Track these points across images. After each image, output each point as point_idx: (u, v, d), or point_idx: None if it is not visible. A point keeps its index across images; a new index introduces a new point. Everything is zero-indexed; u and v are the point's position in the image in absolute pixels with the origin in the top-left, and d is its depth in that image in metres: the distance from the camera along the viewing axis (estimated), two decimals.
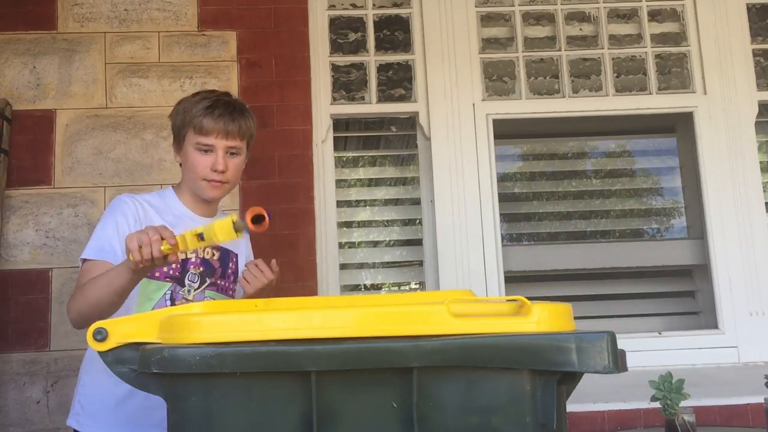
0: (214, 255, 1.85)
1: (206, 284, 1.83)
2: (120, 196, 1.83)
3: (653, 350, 2.64)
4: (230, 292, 1.89)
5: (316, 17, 2.85)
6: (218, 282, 1.86)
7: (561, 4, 2.95)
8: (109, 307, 1.63)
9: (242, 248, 1.96)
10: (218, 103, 1.80)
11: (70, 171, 2.61)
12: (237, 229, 1.41)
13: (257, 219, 1.37)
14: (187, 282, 1.79)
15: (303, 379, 1.09)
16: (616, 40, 2.97)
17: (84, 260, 1.74)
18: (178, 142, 1.83)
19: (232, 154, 1.80)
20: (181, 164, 1.86)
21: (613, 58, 2.92)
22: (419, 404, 1.09)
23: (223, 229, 1.42)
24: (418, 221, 2.90)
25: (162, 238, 1.50)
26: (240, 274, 1.92)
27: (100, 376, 1.74)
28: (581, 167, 3.16)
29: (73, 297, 1.72)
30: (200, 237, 1.48)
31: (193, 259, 1.79)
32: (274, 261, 1.80)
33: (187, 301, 1.77)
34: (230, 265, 1.90)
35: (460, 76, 2.83)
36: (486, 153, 2.78)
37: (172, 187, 1.91)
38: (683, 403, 1.81)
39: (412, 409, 1.09)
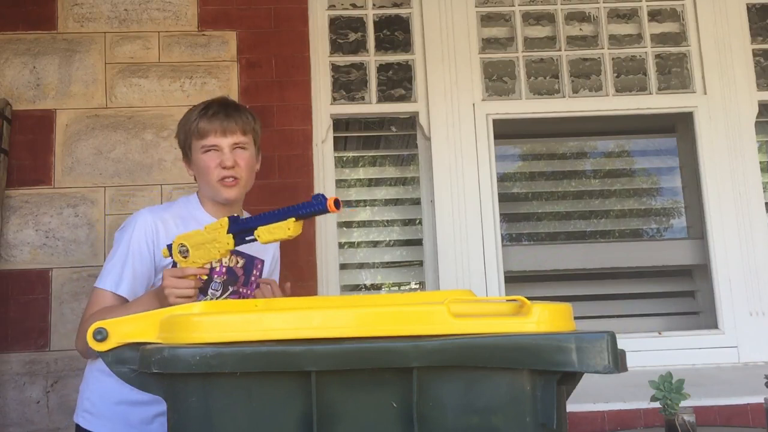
0: (238, 263, 1.84)
1: (229, 292, 1.82)
2: (141, 213, 1.81)
3: (653, 350, 2.64)
4: None
5: (316, 17, 2.85)
6: (240, 290, 1.85)
7: (561, 4, 2.94)
8: None
9: (269, 254, 1.96)
10: (211, 105, 1.83)
11: (70, 171, 2.61)
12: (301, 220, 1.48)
13: (338, 203, 1.44)
14: (210, 291, 1.78)
15: (303, 379, 1.09)
16: (616, 40, 2.97)
17: (96, 287, 1.75)
18: (187, 155, 1.85)
19: (238, 148, 1.81)
20: (195, 178, 1.86)
21: (613, 58, 2.92)
22: (419, 404, 1.09)
23: (296, 228, 1.47)
24: (418, 221, 2.90)
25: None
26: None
27: (109, 375, 1.75)
28: (581, 167, 3.16)
29: (80, 332, 1.72)
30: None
31: (217, 269, 1.79)
32: (288, 285, 1.82)
33: None
34: (254, 272, 1.89)
35: (460, 76, 2.83)
36: (486, 153, 2.78)
37: (197, 193, 1.91)
38: (683, 403, 1.81)
39: (412, 409, 1.09)
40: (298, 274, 2.58)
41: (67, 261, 2.55)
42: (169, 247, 1.65)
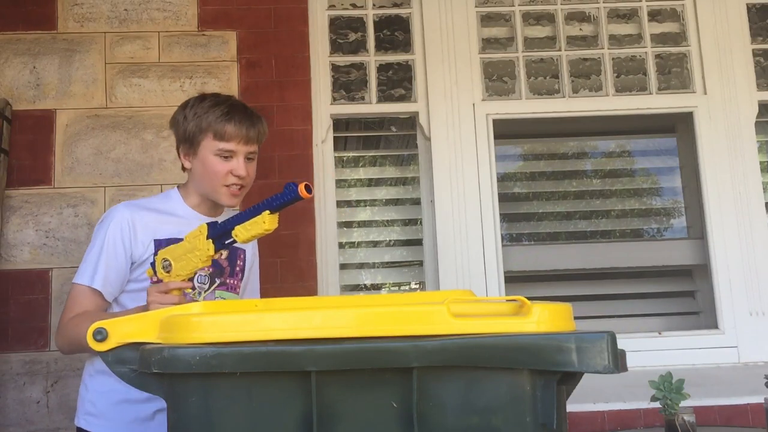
0: (222, 254, 1.85)
1: (216, 284, 1.83)
2: (117, 208, 1.80)
3: (653, 350, 2.64)
4: (238, 290, 1.90)
5: (316, 17, 2.85)
6: (227, 281, 1.86)
7: (561, 4, 2.94)
8: None
9: (250, 244, 1.95)
10: (235, 109, 1.79)
11: (70, 171, 2.61)
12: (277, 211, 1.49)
13: (308, 188, 1.45)
14: (196, 284, 1.78)
15: (303, 379, 1.09)
16: (616, 40, 2.97)
17: (73, 283, 1.75)
18: (191, 148, 1.80)
19: (249, 159, 1.80)
20: (189, 169, 1.83)
21: (613, 58, 2.92)
22: (419, 404, 1.09)
23: (272, 221, 1.48)
24: (418, 221, 2.90)
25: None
26: (247, 269, 1.93)
27: (108, 376, 1.76)
28: (581, 167, 3.16)
29: (62, 330, 1.74)
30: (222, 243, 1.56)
31: None
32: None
33: None
34: (238, 262, 1.90)
35: (460, 76, 2.83)
36: (486, 153, 2.78)
37: (178, 188, 1.89)
38: (683, 403, 1.81)
39: (412, 409, 1.09)
40: (298, 274, 2.59)
41: (67, 261, 2.54)
42: (153, 264, 1.65)
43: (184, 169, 1.87)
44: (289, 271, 2.57)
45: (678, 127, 3.03)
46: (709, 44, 2.89)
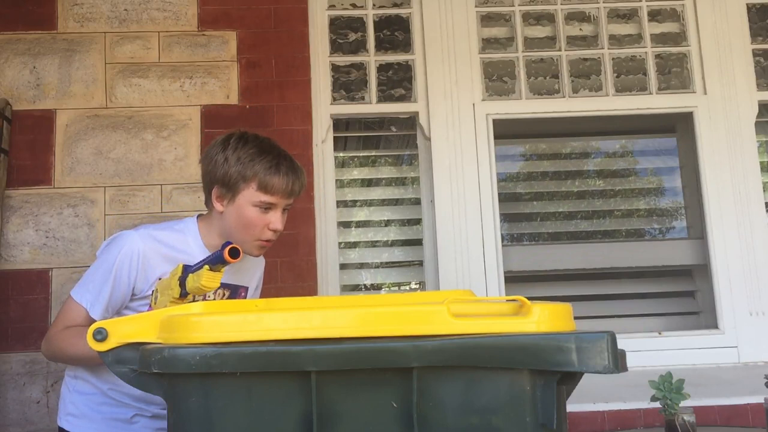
0: (224, 295, 1.83)
1: None
2: (131, 236, 1.71)
3: (653, 350, 2.64)
4: None
5: (316, 17, 2.85)
6: None
7: (561, 4, 2.94)
8: (83, 364, 1.75)
9: (254, 282, 1.94)
10: (283, 160, 1.73)
11: (70, 171, 2.61)
12: (216, 270, 1.45)
13: (233, 252, 1.41)
14: None
15: (303, 379, 1.09)
16: (616, 40, 2.97)
17: (72, 297, 1.73)
18: (227, 192, 1.71)
19: (284, 210, 1.76)
20: (220, 213, 1.74)
21: (613, 58, 2.92)
22: (419, 404, 1.09)
23: (209, 278, 1.45)
24: (418, 221, 2.90)
25: None
26: None
27: (87, 380, 1.78)
28: (581, 167, 3.16)
29: (50, 340, 1.73)
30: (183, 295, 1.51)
31: None
32: None
33: None
34: None
35: (460, 76, 2.83)
36: (486, 153, 2.78)
37: (198, 221, 1.80)
38: (683, 403, 1.81)
39: (412, 409, 1.09)
40: (298, 274, 2.59)
41: (67, 261, 2.55)
42: (153, 291, 1.64)
43: (208, 206, 1.79)
44: (289, 271, 2.57)
45: (678, 127, 3.03)
46: (709, 44, 2.89)
